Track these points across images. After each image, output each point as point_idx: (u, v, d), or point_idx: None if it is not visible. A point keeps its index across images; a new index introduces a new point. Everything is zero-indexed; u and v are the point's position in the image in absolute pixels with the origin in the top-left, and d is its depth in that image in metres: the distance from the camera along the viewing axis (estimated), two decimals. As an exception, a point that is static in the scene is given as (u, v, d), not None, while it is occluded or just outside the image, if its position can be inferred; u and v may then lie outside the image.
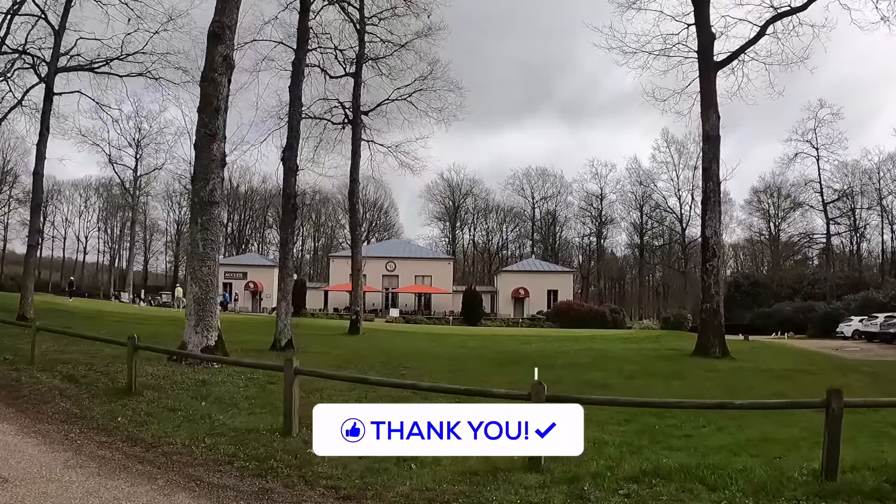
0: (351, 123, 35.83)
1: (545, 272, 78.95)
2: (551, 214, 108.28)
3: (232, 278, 79.23)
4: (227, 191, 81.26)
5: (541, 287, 75.48)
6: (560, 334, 40.54)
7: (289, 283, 20.98)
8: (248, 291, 79.82)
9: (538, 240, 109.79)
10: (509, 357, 21.24)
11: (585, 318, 63.52)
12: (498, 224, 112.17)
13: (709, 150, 23.73)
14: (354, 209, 35.30)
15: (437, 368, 17.00)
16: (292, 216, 21.18)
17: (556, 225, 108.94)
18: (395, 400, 10.12)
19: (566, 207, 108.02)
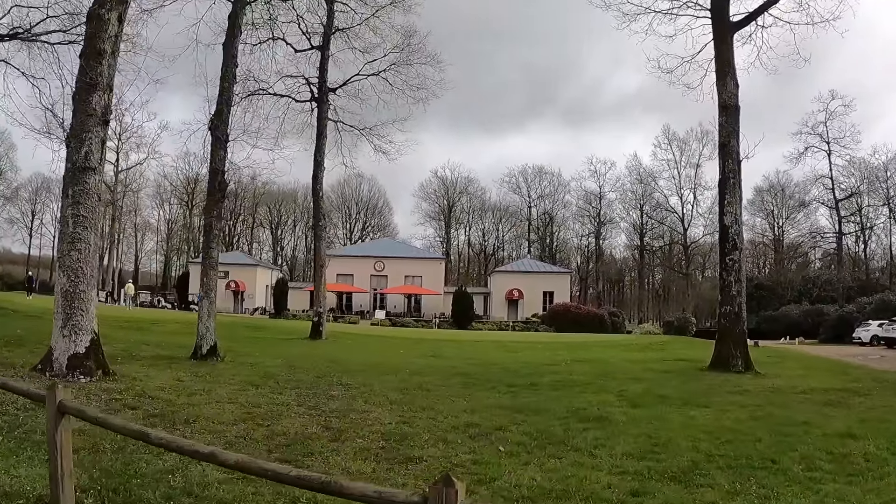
0: (316, 101, 31.97)
1: (541, 273, 75.14)
2: (548, 214, 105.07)
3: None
4: None
5: (536, 288, 71.83)
6: (554, 340, 36.63)
7: (213, 278, 17.12)
8: (230, 291, 76.13)
9: (535, 240, 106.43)
10: (486, 372, 17.25)
11: (583, 321, 59.95)
12: (494, 224, 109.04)
13: (727, 122, 19.71)
14: (318, 196, 31.35)
15: (384, 388, 13.08)
16: (219, 196, 17.29)
17: (554, 225, 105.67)
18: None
19: (564, 207, 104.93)
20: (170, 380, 12.62)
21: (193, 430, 8.71)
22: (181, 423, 9.02)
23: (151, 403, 10.16)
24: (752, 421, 10.46)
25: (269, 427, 9.09)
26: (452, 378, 15.39)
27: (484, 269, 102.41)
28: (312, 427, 9.18)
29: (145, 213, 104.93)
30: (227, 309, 72.96)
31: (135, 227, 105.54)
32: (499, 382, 14.67)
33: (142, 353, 17.01)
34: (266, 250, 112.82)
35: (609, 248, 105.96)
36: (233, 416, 9.60)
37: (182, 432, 8.43)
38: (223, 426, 9.02)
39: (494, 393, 13.08)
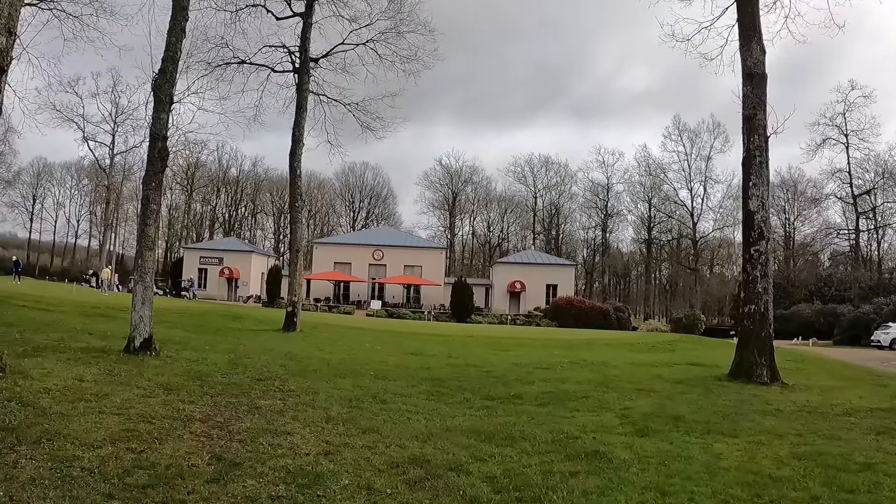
0: (297, 72, 29.43)
1: (544, 265, 72.74)
2: (555, 205, 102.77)
3: (207, 264, 74.19)
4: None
5: (539, 281, 69.52)
6: (553, 336, 34.02)
7: (147, 258, 14.64)
8: (224, 278, 74.11)
9: (540, 232, 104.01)
10: (464, 376, 14.60)
11: (587, 316, 57.77)
12: (499, 215, 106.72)
13: (752, 92, 17.06)
14: (295, 174, 28.82)
15: (330, 397, 10.60)
16: (159, 165, 14.80)
17: (560, 217, 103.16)
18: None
19: (570, 199, 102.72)
20: (70, 379, 10.22)
21: (34, 454, 6.44)
22: (29, 442, 6.77)
23: (14, 413, 7.83)
24: (796, 462, 7.79)
25: (140, 454, 6.74)
26: (421, 384, 12.80)
27: (488, 260, 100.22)
28: (199, 456, 6.79)
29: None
30: (221, 296, 71.10)
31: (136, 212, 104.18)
32: (475, 392, 12.09)
33: (74, 345, 14.66)
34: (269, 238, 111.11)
35: (616, 241, 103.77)
36: (105, 435, 7.26)
37: (15, 458, 6.24)
38: (81, 449, 6.72)
39: (465, 408, 10.52)
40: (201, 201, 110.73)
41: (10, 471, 5.99)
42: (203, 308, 39.79)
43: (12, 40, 10.80)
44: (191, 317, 31.10)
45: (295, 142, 28.28)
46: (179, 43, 15.58)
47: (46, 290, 40.48)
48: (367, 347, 21.65)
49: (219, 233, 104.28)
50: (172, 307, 37.79)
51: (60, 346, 14.23)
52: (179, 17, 15.63)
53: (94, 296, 41.86)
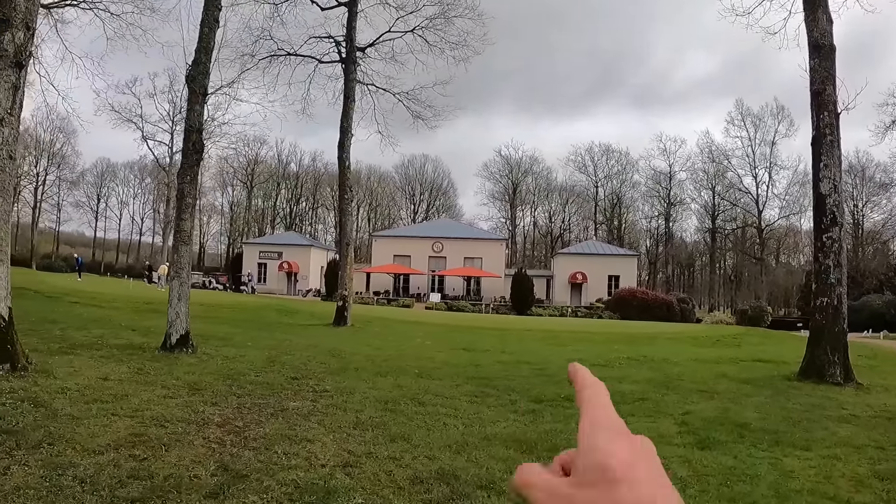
0: (343, 62, 28.88)
1: (606, 255, 71.36)
2: (616, 195, 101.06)
3: (266, 258, 74.64)
4: (248, 162, 75.78)
5: (601, 272, 68.25)
6: (614, 330, 32.84)
7: (183, 252, 14.18)
8: (283, 272, 74.47)
9: (602, 222, 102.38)
10: (513, 375, 13.79)
11: (650, 307, 56.25)
12: (560, 205, 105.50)
13: (819, 65, 15.78)
14: (344, 166, 28.17)
15: (365, 398, 9.88)
16: (194, 158, 14.31)
17: (622, 206, 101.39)
18: None
19: (632, 187, 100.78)
20: (94, 379, 9.79)
21: (29, 460, 5.93)
22: (28, 446, 6.28)
23: (24, 414, 7.42)
24: (877, 482, 6.70)
25: (142, 461, 6.14)
26: (465, 384, 12.00)
27: (550, 251, 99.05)
28: (203, 466, 6.15)
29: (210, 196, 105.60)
30: (281, 291, 71.50)
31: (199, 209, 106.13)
32: (523, 393, 11.21)
33: (113, 341, 14.39)
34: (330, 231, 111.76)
35: (679, 230, 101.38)
36: (110, 440, 6.70)
37: (7, 464, 5.76)
38: (80, 456, 6.17)
39: (509, 411, 9.66)
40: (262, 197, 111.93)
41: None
42: (259, 303, 39.75)
43: (30, 35, 10.55)
44: (244, 311, 30.93)
45: (343, 133, 27.70)
46: (213, 34, 15.08)
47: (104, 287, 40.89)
48: (417, 343, 20.99)
49: (280, 228, 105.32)
50: (227, 302, 37.82)
51: (98, 343, 13.96)
52: (212, 7, 15.13)
53: (149, 291, 42.11)
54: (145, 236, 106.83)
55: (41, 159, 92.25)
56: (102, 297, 30.71)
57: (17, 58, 10.16)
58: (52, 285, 36.94)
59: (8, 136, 10.12)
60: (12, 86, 10.14)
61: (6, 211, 10.30)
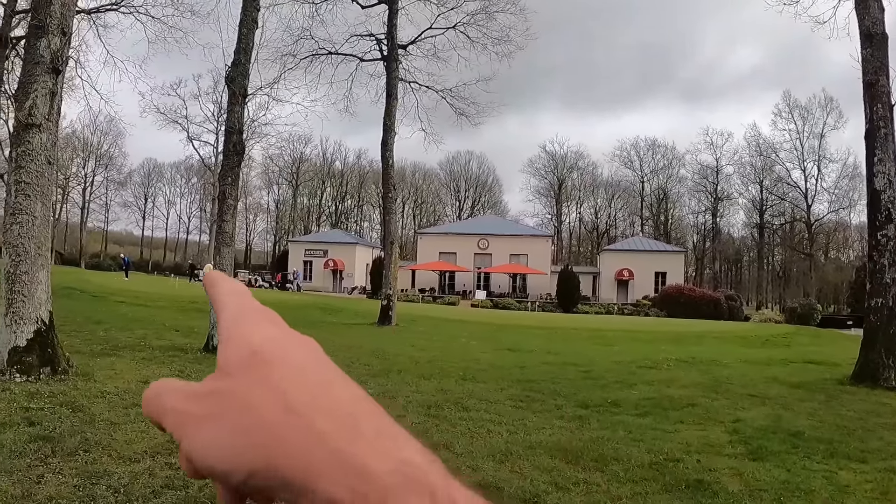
0: (385, 60, 28.76)
1: (653, 252, 70.41)
2: (662, 190, 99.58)
3: (312, 256, 74.94)
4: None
5: (647, 268, 67.34)
6: (661, 329, 32.29)
7: (225, 254, 14.10)
8: (328, 270, 74.72)
9: (648, 217, 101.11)
10: (560, 377, 13.38)
11: (697, 305, 55.35)
12: (606, 200, 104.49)
13: (872, 55, 15.09)
14: (387, 164, 27.98)
15: (408, 401, 9.60)
16: (235, 160, 14.22)
17: (668, 201, 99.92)
18: None
19: (678, 182, 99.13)
20: (134, 382, 9.75)
21: (64, 468, 5.84)
22: (63, 453, 6.19)
23: (61, 419, 7.37)
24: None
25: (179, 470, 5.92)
26: (511, 387, 11.68)
27: (596, 247, 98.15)
28: (239, 478, 6.03)
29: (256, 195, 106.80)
30: (326, 288, 71.72)
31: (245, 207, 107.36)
32: (569, 397, 10.91)
33: (156, 342, 14.49)
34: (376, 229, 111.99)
35: (726, 226, 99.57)
36: (147, 447, 6.58)
37: (41, 472, 5.67)
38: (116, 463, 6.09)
39: (555, 417, 9.35)
40: (307, 195, 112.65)
41: (32, 487, 5.38)
42: (304, 301, 39.82)
43: (66, 41, 10.58)
44: (288, 310, 30.90)
45: (386, 131, 27.54)
46: (251, 34, 15.00)
47: (150, 286, 41.36)
48: (462, 343, 20.79)
49: (325, 226, 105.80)
50: (272, 300, 37.88)
51: (141, 344, 14.04)
52: (250, 7, 15.05)
53: (195, 290, 42.42)
54: (192, 235, 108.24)
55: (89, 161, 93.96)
56: (148, 297, 31.02)
57: (54, 63, 10.15)
58: (98, 285, 37.44)
59: (46, 140, 10.12)
60: (49, 91, 10.14)
61: (46, 216, 10.25)
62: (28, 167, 9.90)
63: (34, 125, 9.96)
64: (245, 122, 14.04)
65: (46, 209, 10.29)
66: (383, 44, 28.70)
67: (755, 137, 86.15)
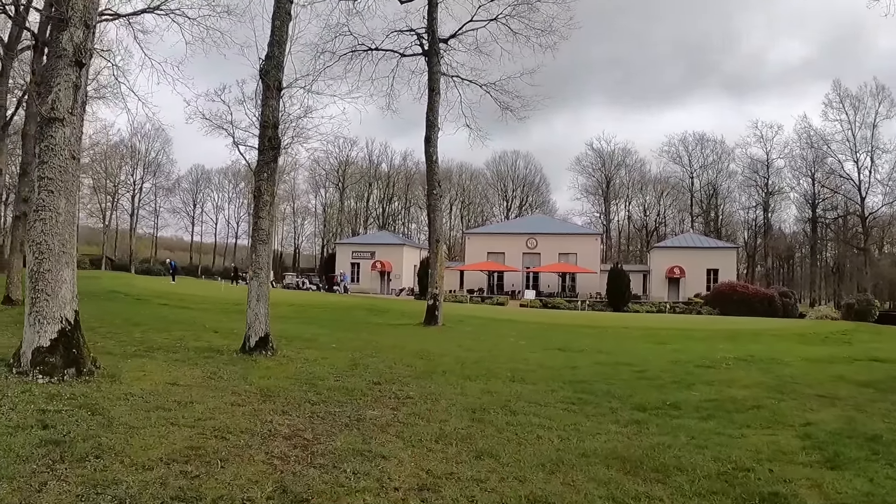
0: (426, 55, 28.19)
1: (704, 248, 68.93)
2: (712, 185, 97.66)
3: (359, 258, 74.87)
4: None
5: (699, 266, 65.91)
6: (715, 327, 31.12)
7: (261, 252, 13.59)
8: (376, 272, 74.55)
9: (698, 214, 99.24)
10: (613, 377, 12.55)
11: (750, 302, 53.92)
12: (655, 197, 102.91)
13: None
14: (431, 161, 27.29)
15: (452, 405, 8.98)
16: (270, 154, 13.72)
17: (718, 197, 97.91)
18: None
19: (728, 177, 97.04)
20: (162, 384, 9.29)
21: (70, 475, 5.41)
22: (73, 459, 5.77)
23: (78, 422, 6.95)
24: None
25: (193, 479, 5.49)
26: (561, 389, 10.92)
27: (645, 245, 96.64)
28: (260, 487, 5.40)
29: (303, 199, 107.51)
30: (374, 290, 71.56)
31: (293, 211, 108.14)
32: (624, 400, 10.15)
33: (193, 344, 14.11)
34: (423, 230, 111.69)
35: (777, 221, 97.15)
36: (163, 453, 6.11)
37: (45, 479, 5.25)
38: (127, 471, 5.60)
39: (609, 421, 8.60)
40: (354, 198, 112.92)
41: (32, 495, 4.95)
42: (349, 302, 39.43)
43: (90, 33, 10.28)
44: (333, 311, 30.59)
45: (429, 127, 26.91)
46: (285, 26, 14.49)
47: (196, 289, 41.35)
48: (510, 343, 20.04)
49: (373, 228, 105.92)
50: (318, 301, 37.67)
51: (176, 345, 13.67)
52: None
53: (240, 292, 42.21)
54: (241, 239, 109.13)
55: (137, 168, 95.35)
56: (192, 299, 30.88)
57: (77, 56, 9.90)
58: (144, 288, 37.53)
59: (70, 135, 9.81)
60: (73, 85, 9.87)
61: (71, 213, 9.88)
62: (51, 162, 9.61)
63: (57, 119, 9.71)
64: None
65: (71, 205, 9.93)
66: (423, 38, 28.09)
67: (806, 129, 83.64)
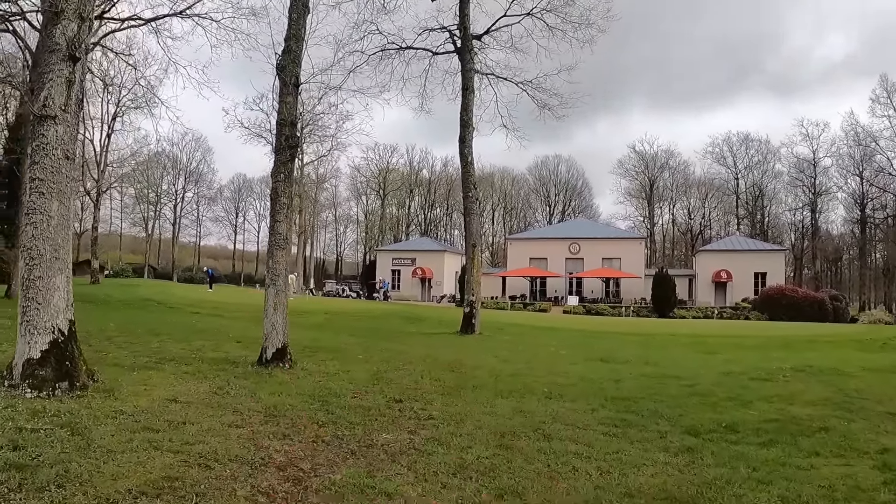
0: (458, 52, 27.19)
1: (751, 251, 67.06)
2: (757, 186, 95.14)
3: (400, 265, 74.21)
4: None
5: (746, 269, 64.09)
6: (766, 333, 29.55)
7: (279, 257, 12.72)
8: (416, 279, 73.78)
9: (744, 216, 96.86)
10: (660, 393, 11.29)
11: (800, 306, 51.99)
12: (699, 200, 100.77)
13: None
14: (466, 162, 26.18)
15: (477, 428, 7.97)
16: (287, 154, 12.87)
17: (764, 198, 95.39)
18: None
19: (774, 178, 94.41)
20: (160, 400, 8.52)
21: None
22: (31, 488, 5.09)
23: (55, 443, 6.26)
24: None
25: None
26: (603, 407, 9.81)
27: (690, 249, 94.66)
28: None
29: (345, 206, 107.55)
30: (415, 297, 70.76)
31: (335, 218, 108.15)
32: (674, 421, 8.98)
33: (210, 355, 13.30)
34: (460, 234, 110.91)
35: (825, 222, 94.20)
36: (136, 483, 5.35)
37: None
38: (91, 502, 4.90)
39: (658, 449, 7.45)
40: (396, 205, 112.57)
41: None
42: (387, 309, 38.60)
43: (86, 26, 9.69)
44: (369, 320, 29.77)
45: (463, 126, 25.85)
46: (302, 19, 13.66)
47: (233, 297, 40.83)
48: (550, 352, 18.89)
49: (414, 234, 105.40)
50: (354, 309, 36.95)
51: (192, 356, 12.87)
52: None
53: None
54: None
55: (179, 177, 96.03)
56: (225, 307, 30.30)
57: (71, 51, 9.31)
58: (180, 296, 37.12)
59: (62, 133, 9.19)
60: (66, 80, 9.30)
61: (64, 215, 9.19)
62: (43, 163, 9.00)
63: (49, 117, 9.11)
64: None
65: (65, 208, 9.24)
66: (456, 35, 27.12)
67: (853, 126, 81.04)
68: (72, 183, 9.45)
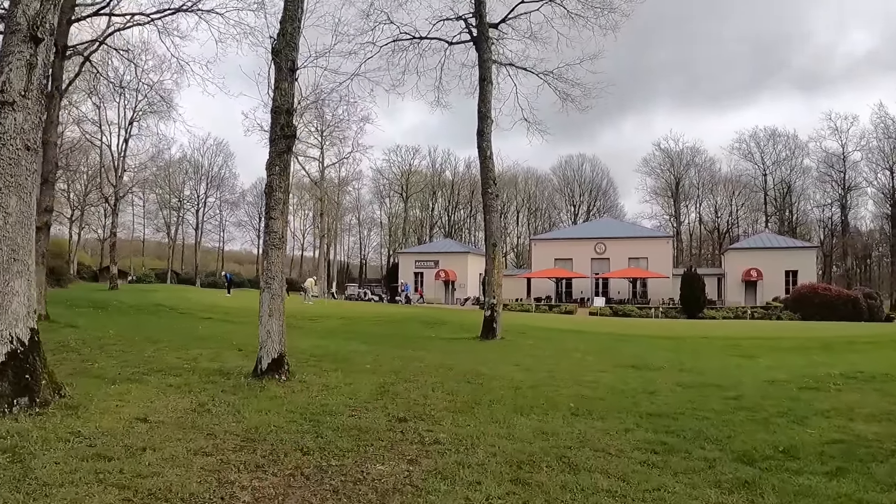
0: (474, 41, 25.94)
1: (782, 249, 65.40)
2: (785, 182, 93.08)
3: (422, 267, 73.27)
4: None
5: (777, 267, 62.45)
6: (803, 334, 27.89)
7: (274, 258, 11.60)
8: (440, 281, 72.75)
9: (772, 213, 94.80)
10: (701, 407, 9.99)
11: (833, 305, 50.25)
12: (727, 198, 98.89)
13: None
14: (485, 156, 24.81)
15: (492, 453, 6.73)
16: (283, 144, 11.77)
17: (792, 195, 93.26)
18: None
19: (803, 173, 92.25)
20: (128, 419, 7.54)
21: None
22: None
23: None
24: None
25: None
26: (637, 427, 8.41)
27: (718, 247, 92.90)
28: None
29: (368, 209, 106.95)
30: (438, 299, 69.76)
31: (359, 221, 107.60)
32: (722, 443, 7.56)
33: (204, 365, 12.25)
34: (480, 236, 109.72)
35: (853, 218, 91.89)
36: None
37: None
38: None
39: (707, 483, 6.05)
40: (419, 207, 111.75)
41: None
42: (406, 313, 37.45)
43: (50, 5, 8.67)
44: (386, 324, 28.67)
45: (481, 119, 24.58)
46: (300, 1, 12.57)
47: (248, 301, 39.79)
48: (576, 359, 17.56)
49: (438, 236, 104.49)
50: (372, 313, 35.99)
51: (185, 366, 11.87)
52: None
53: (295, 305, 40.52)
54: (307, 251, 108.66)
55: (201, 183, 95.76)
56: (238, 312, 29.41)
57: (32, 31, 8.35)
58: (194, 301, 36.42)
59: (22, 121, 8.19)
60: (26, 63, 8.32)
61: (24, 212, 8.18)
62: (3, 155, 7.85)
63: (6, 103, 8.09)
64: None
65: (25, 204, 8.20)
66: (472, 24, 25.91)
67: (882, 118, 79.12)
68: (33, 176, 8.41)
